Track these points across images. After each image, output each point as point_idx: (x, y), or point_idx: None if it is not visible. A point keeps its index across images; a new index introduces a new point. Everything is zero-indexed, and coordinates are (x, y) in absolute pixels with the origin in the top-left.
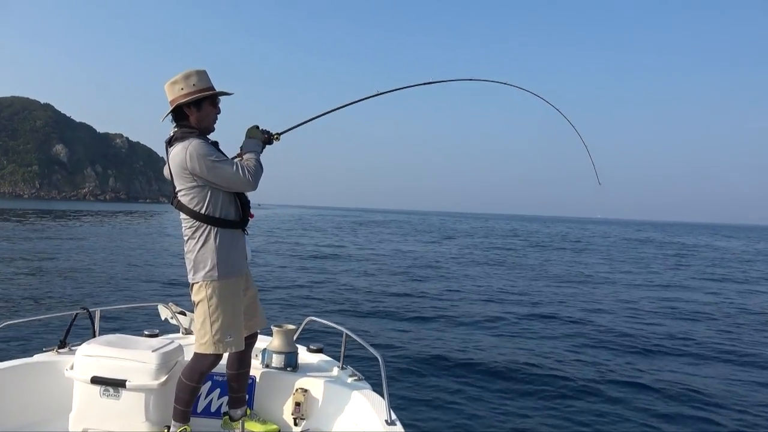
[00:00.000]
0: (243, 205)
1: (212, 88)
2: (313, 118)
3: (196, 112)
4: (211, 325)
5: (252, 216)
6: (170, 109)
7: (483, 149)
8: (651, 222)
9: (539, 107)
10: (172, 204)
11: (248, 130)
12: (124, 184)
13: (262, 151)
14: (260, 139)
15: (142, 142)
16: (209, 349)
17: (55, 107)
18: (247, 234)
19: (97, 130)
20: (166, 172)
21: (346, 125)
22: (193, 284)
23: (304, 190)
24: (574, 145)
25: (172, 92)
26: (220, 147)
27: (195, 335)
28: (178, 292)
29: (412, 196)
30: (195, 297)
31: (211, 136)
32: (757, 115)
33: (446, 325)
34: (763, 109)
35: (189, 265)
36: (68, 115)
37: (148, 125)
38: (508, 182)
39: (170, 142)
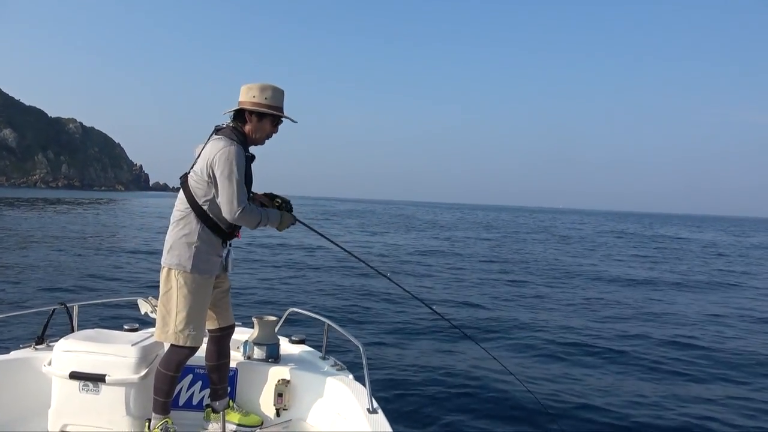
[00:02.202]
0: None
1: (280, 110)
2: (323, 236)
3: (255, 122)
4: (176, 315)
5: (239, 236)
6: (236, 107)
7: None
8: (616, 212)
9: (508, 107)
10: (180, 179)
11: (290, 209)
12: (78, 171)
13: (266, 224)
14: (283, 224)
15: (97, 128)
16: (170, 339)
17: (3, 90)
18: (230, 246)
19: (49, 115)
20: (197, 149)
21: (310, 111)
22: (163, 267)
23: (264, 176)
24: (531, 133)
25: (245, 95)
26: (254, 163)
27: (157, 322)
28: (158, 284)
29: (373, 184)
30: (164, 283)
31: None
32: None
33: (427, 313)
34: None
35: (166, 246)
36: (17, 98)
37: (103, 110)
38: (460, 171)
39: (218, 131)
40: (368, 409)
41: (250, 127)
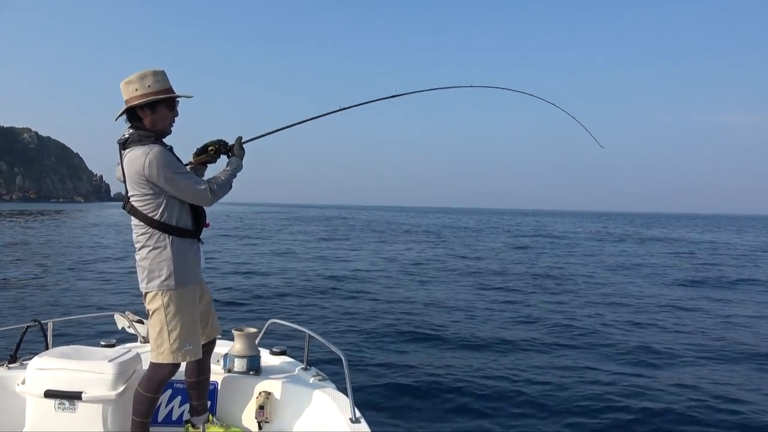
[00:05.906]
0: (199, 213)
1: (170, 90)
2: (278, 130)
3: (150, 115)
4: (169, 334)
5: (208, 225)
6: (123, 109)
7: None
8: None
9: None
10: (124, 208)
11: (237, 139)
12: (34, 183)
13: (235, 176)
14: (241, 160)
15: (53, 137)
16: (167, 359)
17: None
18: (202, 243)
19: (1, 124)
20: (118, 173)
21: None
22: (147, 293)
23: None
24: (496, 134)
25: (127, 92)
26: (175, 151)
27: (151, 345)
28: (133, 299)
29: (336, 190)
30: (150, 306)
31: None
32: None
33: (409, 323)
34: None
35: (142, 274)
36: None
37: (60, 119)
38: (427, 174)
39: (125, 144)
40: (351, 419)
41: (148, 120)
